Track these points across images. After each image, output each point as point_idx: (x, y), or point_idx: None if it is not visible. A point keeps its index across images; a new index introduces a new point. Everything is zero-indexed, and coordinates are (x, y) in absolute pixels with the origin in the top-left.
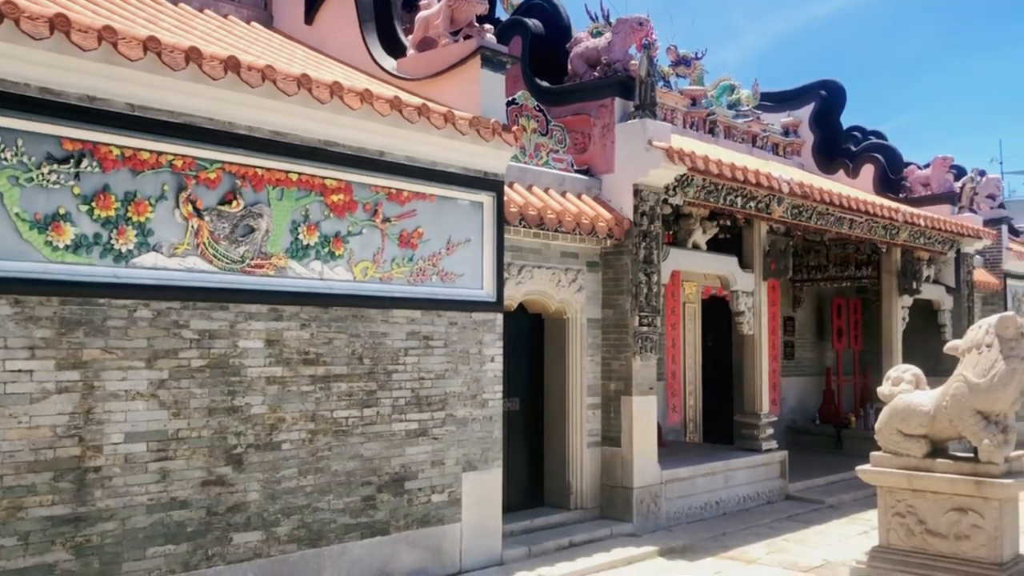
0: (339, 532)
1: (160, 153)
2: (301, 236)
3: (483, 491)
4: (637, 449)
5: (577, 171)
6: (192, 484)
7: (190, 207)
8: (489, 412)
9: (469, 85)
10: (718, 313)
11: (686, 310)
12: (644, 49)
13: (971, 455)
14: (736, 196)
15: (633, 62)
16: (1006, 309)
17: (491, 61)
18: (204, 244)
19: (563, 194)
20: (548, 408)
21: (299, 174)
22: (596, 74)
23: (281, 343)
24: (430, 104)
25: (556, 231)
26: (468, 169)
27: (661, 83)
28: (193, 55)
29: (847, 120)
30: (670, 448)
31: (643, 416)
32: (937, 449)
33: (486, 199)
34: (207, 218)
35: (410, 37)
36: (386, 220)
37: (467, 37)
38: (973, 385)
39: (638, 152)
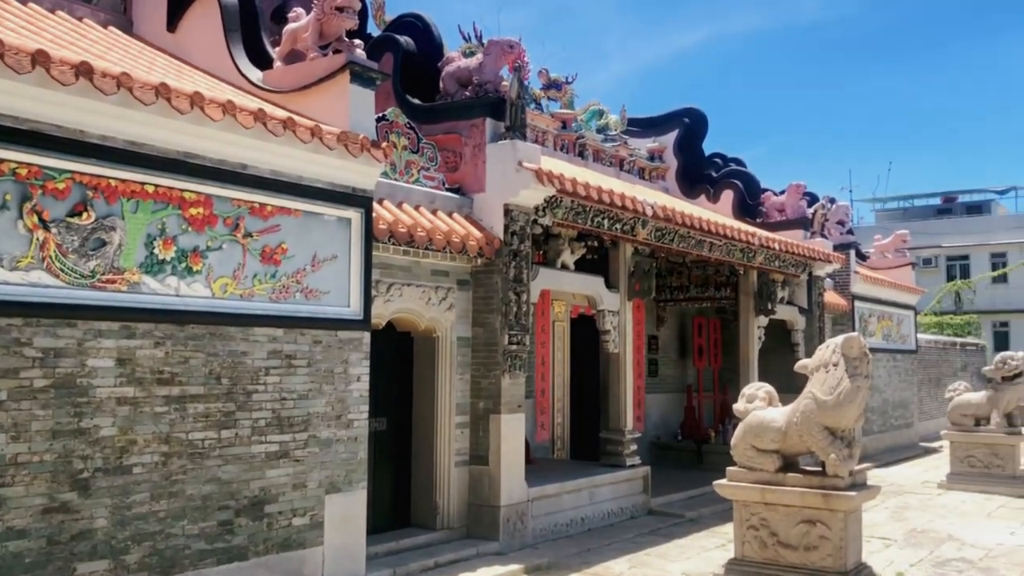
0: (194, 559)
1: (2, 160)
2: (157, 250)
3: (347, 513)
4: (505, 467)
5: (448, 189)
6: (32, 512)
7: (35, 218)
8: (354, 433)
9: (338, 100)
10: (586, 332)
11: (555, 329)
12: (515, 71)
13: (820, 469)
14: (603, 218)
15: (504, 83)
16: (854, 329)
17: (361, 76)
18: (51, 258)
19: (434, 212)
20: (416, 427)
21: (156, 186)
22: (468, 94)
23: (133, 362)
24: (296, 118)
25: (426, 249)
26: (336, 185)
27: (532, 105)
28: (41, 58)
29: (710, 147)
30: (538, 466)
31: (511, 434)
32: (789, 464)
33: (354, 215)
34: (54, 230)
35: (277, 49)
36: (248, 235)
37: (336, 52)
38: (821, 402)
39: (509, 173)
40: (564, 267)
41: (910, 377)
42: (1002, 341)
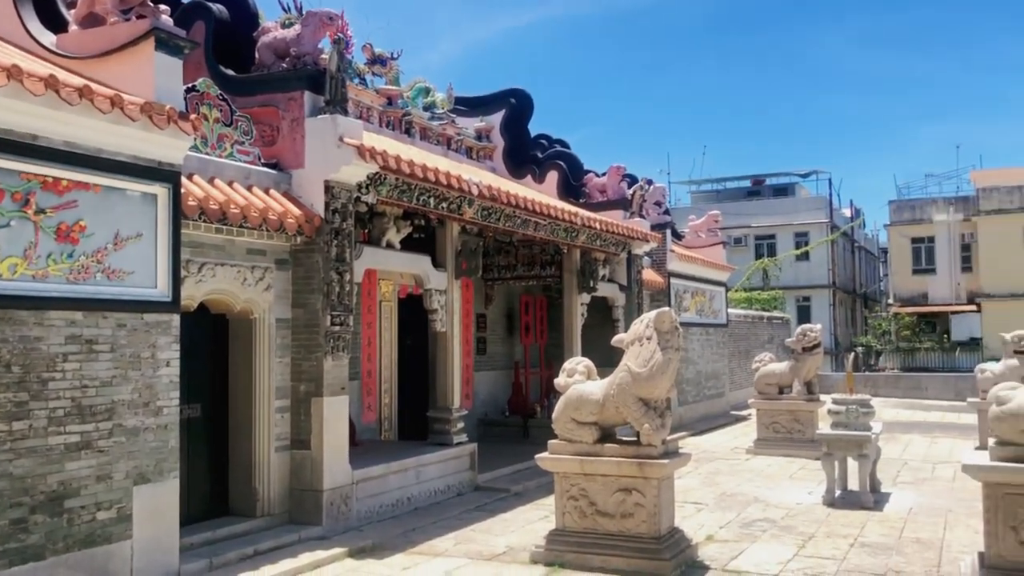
0: None
1: None
2: None
3: (157, 504)
4: (328, 451)
5: (265, 164)
6: None
7: None
8: (164, 420)
9: (142, 68)
10: (414, 311)
11: (382, 309)
12: (335, 44)
13: (635, 439)
14: (429, 196)
15: (323, 56)
16: (670, 305)
17: (167, 44)
18: None
19: (249, 188)
20: (233, 413)
21: None
22: (285, 66)
23: None
24: (94, 86)
25: (241, 226)
26: (140, 158)
27: (357, 80)
28: None
29: (536, 128)
30: (364, 447)
31: (334, 417)
32: (607, 435)
33: (161, 191)
34: None
35: (73, 12)
36: (40, 211)
37: (140, 17)
38: (636, 374)
39: (329, 148)
40: (390, 246)
41: (722, 349)
42: (804, 314)
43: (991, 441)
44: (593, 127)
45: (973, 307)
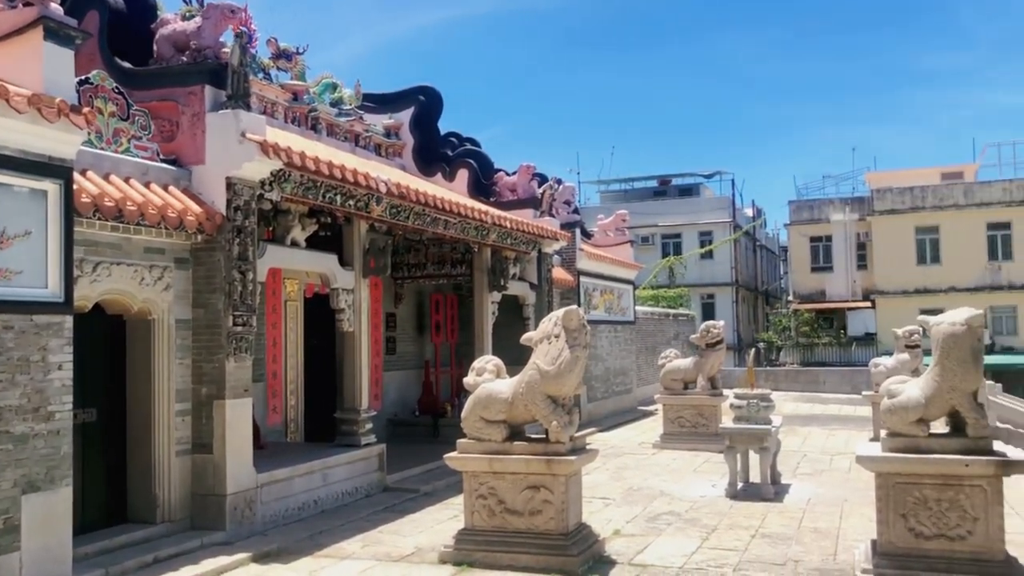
0: None
1: None
2: None
3: (49, 514)
4: (231, 454)
5: (164, 160)
6: None
7: None
8: (56, 426)
9: (30, 59)
10: (322, 311)
11: (288, 308)
12: (238, 37)
13: (543, 436)
14: (336, 194)
15: (225, 50)
16: (579, 303)
17: (57, 34)
18: None
19: (147, 185)
20: (131, 417)
21: None
22: (185, 59)
23: None
24: None
25: (138, 224)
26: (28, 152)
27: (261, 75)
28: None
29: (447, 126)
30: (269, 450)
31: (237, 419)
32: (516, 433)
33: (51, 187)
34: None
35: None
36: None
37: (27, 4)
38: (544, 372)
39: (231, 144)
40: (295, 244)
41: (629, 346)
42: (709, 311)
43: (883, 433)
44: (504, 126)
45: (868, 304)
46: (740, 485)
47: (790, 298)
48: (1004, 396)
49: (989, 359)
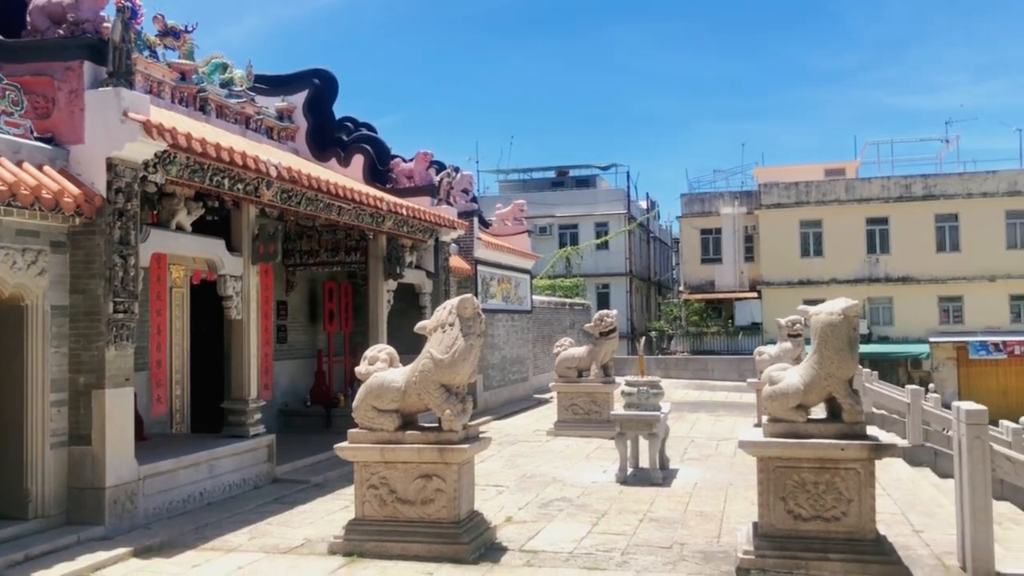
0: None
1: None
2: None
3: None
4: (111, 446)
5: (39, 139)
6: None
7: None
8: None
9: None
10: (209, 298)
11: (173, 295)
12: (120, 12)
13: (436, 425)
14: (223, 177)
15: (106, 24)
16: (477, 292)
17: None
18: None
19: (19, 164)
20: (2, 408)
21: None
22: (61, 32)
23: None
24: None
25: (9, 205)
26: None
27: (147, 53)
28: None
29: (344, 111)
30: (153, 441)
31: (118, 410)
32: (408, 422)
33: None
34: None
35: None
36: None
37: None
38: (438, 361)
39: (112, 123)
40: (180, 229)
41: (526, 335)
42: (604, 301)
43: (764, 419)
44: (403, 113)
45: (755, 294)
46: (630, 471)
47: (681, 288)
48: (880, 383)
49: (867, 348)
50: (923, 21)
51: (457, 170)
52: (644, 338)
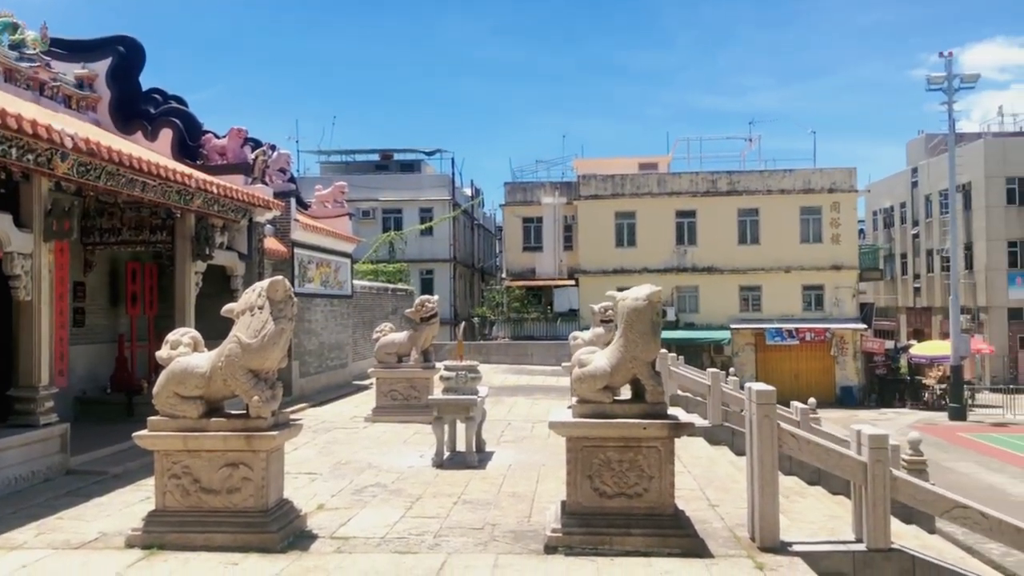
0: None
1: None
2: None
3: None
4: None
5: None
6: None
7: None
8: None
9: None
10: None
11: None
12: None
13: (244, 412)
14: (10, 146)
15: None
16: (293, 275)
17: None
18: None
19: None
20: None
21: None
22: None
23: None
24: None
25: None
26: None
27: None
28: None
29: (153, 82)
30: None
31: None
32: (214, 409)
33: None
34: None
35: None
36: None
37: None
38: (246, 345)
39: None
40: None
41: (346, 320)
42: (428, 287)
43: (574, 400)
44: (218, 88)
45: (572, 282)
46: (447, 454)
47: (503, 275)
48: (686, 368)
49: (674, 334)
50: (732, 27)
51: (274, 148)
52: (464, 323)
